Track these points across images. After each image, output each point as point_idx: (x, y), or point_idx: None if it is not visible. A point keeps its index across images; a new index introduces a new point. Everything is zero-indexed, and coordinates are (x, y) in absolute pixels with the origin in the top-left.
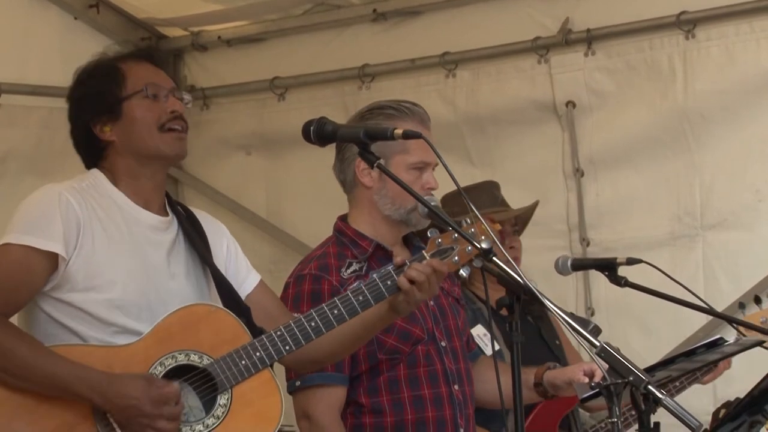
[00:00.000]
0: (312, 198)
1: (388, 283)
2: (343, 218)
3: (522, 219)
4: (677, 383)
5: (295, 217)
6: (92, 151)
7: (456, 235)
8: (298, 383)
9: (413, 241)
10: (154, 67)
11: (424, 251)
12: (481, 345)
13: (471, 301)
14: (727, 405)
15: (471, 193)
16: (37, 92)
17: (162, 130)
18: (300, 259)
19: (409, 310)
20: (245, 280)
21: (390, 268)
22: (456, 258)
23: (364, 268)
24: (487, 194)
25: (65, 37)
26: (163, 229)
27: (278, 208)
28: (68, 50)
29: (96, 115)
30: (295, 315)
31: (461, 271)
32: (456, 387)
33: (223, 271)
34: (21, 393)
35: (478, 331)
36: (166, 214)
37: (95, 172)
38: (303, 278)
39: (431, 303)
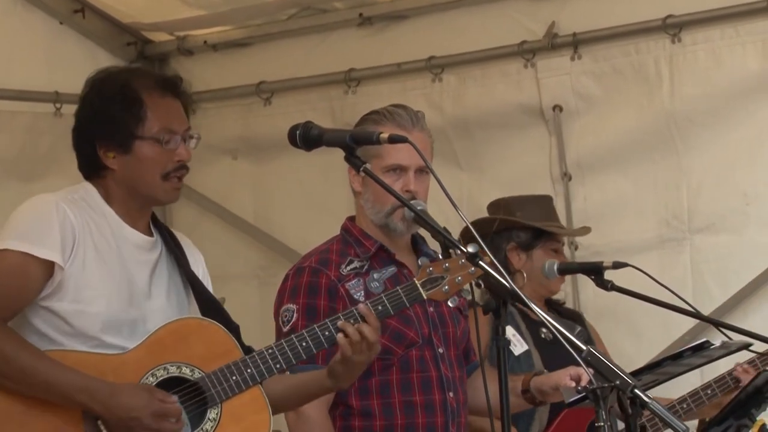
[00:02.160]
0: (299, 202)
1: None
2: (351, 219)
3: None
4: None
5: (282, 222)
6: (90, 164)
7: (447, 264)
8: (287, 374)
9: (422, 248)
10: (175, 102)
11: (415, 279)
12: (510, 346)
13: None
14: None
15: (526, 204)
16: (22, 97)
17: (164, 178)
18: (288, 264)
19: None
20: None
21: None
22: (446, 287)
23: (365, 267)
24: (540, 207)
25: (50, 42)
26: (148, 249)
27: (265, 213)
28: (53, 55)
29: (105, 140)
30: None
31: (449, 302)
32: (451, 394)
33: None
34: (12, 397)
35: (507, 332)
36: (151, 234)
37: (88, 186)
38: (302, 271)
39: (431, 309)
